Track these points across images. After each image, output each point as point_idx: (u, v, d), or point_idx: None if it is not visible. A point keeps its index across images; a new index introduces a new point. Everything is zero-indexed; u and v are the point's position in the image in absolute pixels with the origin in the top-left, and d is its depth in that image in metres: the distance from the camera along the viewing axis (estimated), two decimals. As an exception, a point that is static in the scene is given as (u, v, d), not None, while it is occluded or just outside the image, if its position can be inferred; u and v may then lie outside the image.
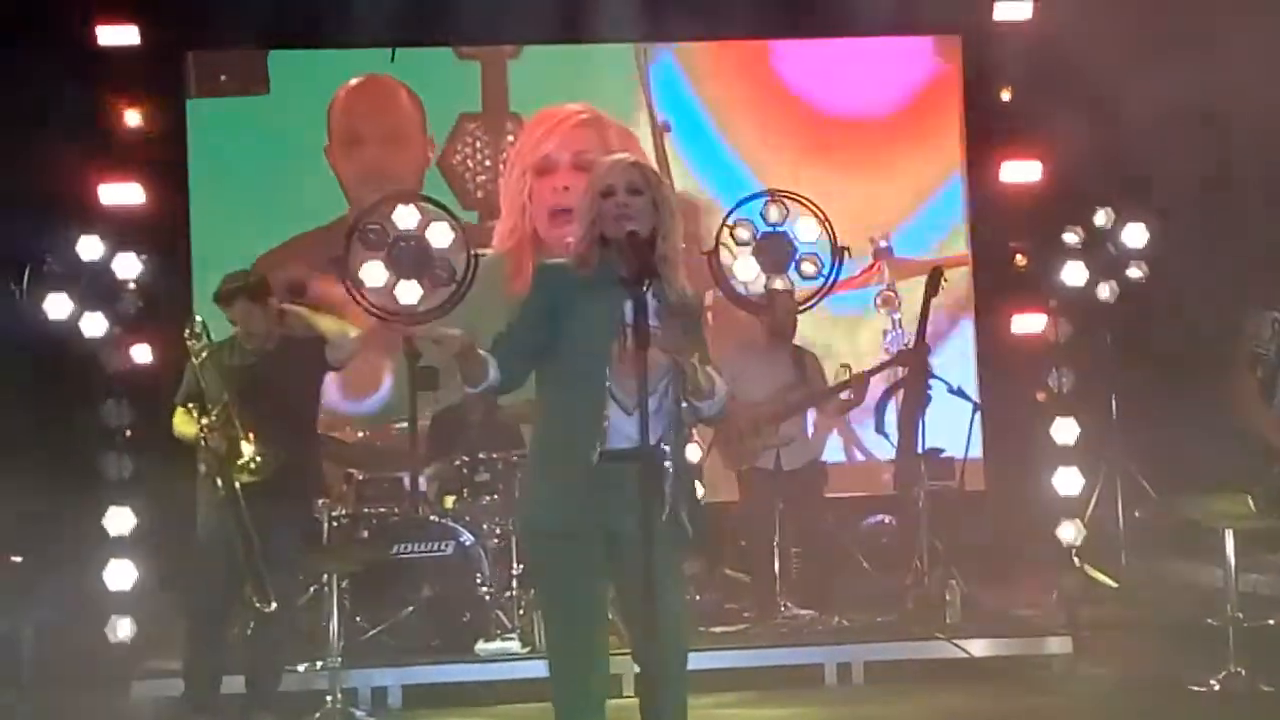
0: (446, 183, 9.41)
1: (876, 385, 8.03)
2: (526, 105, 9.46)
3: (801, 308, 8.67)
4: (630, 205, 3.63)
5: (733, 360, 7.69)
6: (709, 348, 3.81)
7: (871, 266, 9.48)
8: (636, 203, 3.64)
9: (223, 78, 9.34)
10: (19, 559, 7.34)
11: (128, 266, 7.43)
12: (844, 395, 7.59)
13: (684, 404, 3.65)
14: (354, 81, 9.45)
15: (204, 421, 5.62)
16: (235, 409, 5.62)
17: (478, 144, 9.48)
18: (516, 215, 9.35)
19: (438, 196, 9.17)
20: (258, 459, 5.57)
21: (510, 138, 9.43)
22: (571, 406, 3.62)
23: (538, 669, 6.26)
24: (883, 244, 9.50)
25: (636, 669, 3.70)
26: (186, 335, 5.76)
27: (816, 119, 9.60)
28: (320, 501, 6.97)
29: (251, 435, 5.60)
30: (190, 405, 5.74)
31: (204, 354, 5.71)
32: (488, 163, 9.45)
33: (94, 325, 7.27)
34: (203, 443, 5.64)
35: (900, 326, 9.29)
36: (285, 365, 5.84)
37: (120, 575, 6.90)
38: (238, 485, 5.60)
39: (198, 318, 5.87)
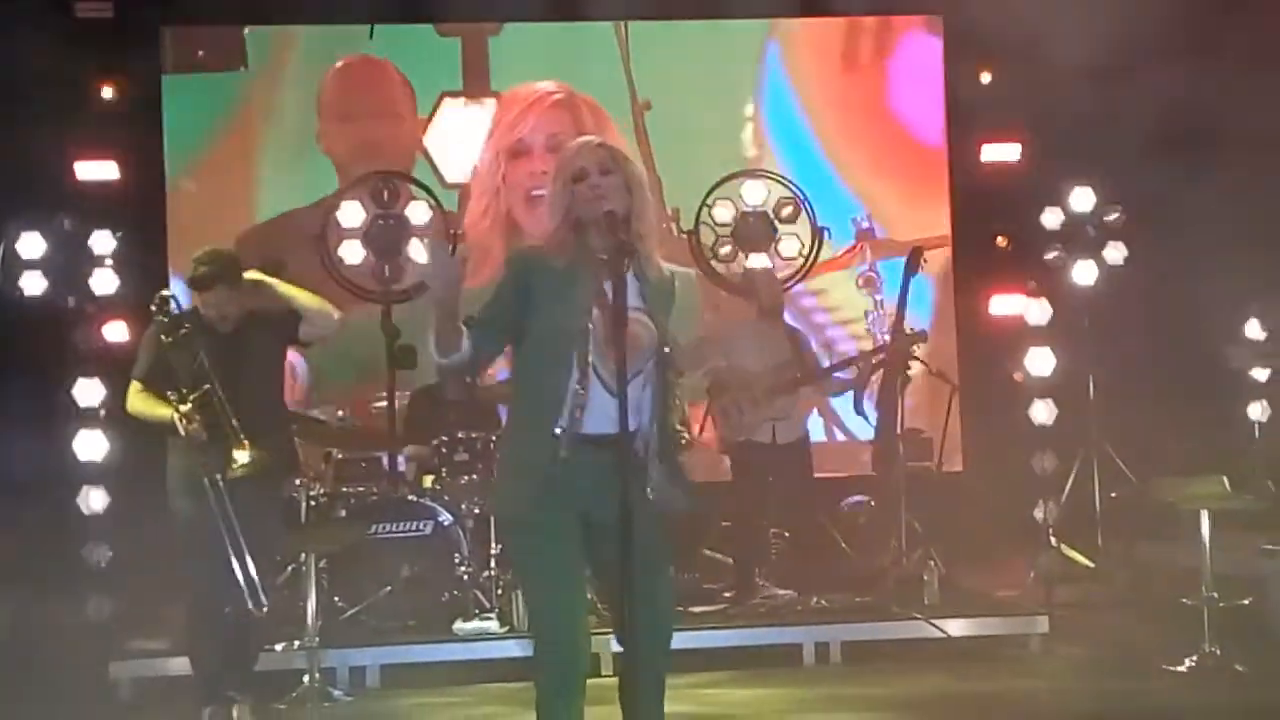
0: (429, 161, 9.37)
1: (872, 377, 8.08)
2: (507, 82, 9.40)
3: (785, 287, 8.69)
4: (603, 186, 3.62)
5: (726, 335, 7.70)
6: (699, 324, 3.82)
7: (854, 247, 9.48)
8: (609, 183, 3.63)
9: (200, 53, 9.25)
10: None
11: (103, 244, 7.37)
12: (842, 375, 7.60)
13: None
14: (342, 61, 9.36)
15: (183, 409, 5.47)
16: (219, 399, 5.45)
17: (459, 123, 9.39)
18: (489, 197, 9.29)
19: (421, 175, 9.13)
20: (252, 459, 5.43)
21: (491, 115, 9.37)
22: (547, 389, 3.61)
23: (516, 649, 6.31)
24: (864, 225, 9.50)
25: (617, 648, 3.70)
26: (154, 311, 5.55)
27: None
28: (297, 481, 6.93)
29: (237, 426, 5.44)
30: (161, 388, 5.54)
31: (177, 333, 5.52)
32: (469, 141, 9.36)
33: (69, 302, 7.22)
34: (179, 428, 5.48)
35: (882, 307, 9.29)
36: (253, 340, 5.66)
37: (96, 554, 6.87)
38: (220, 479, 5.46)
39: (165, 293, 5.65)
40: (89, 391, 7.03)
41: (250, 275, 5.75)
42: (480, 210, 9.28)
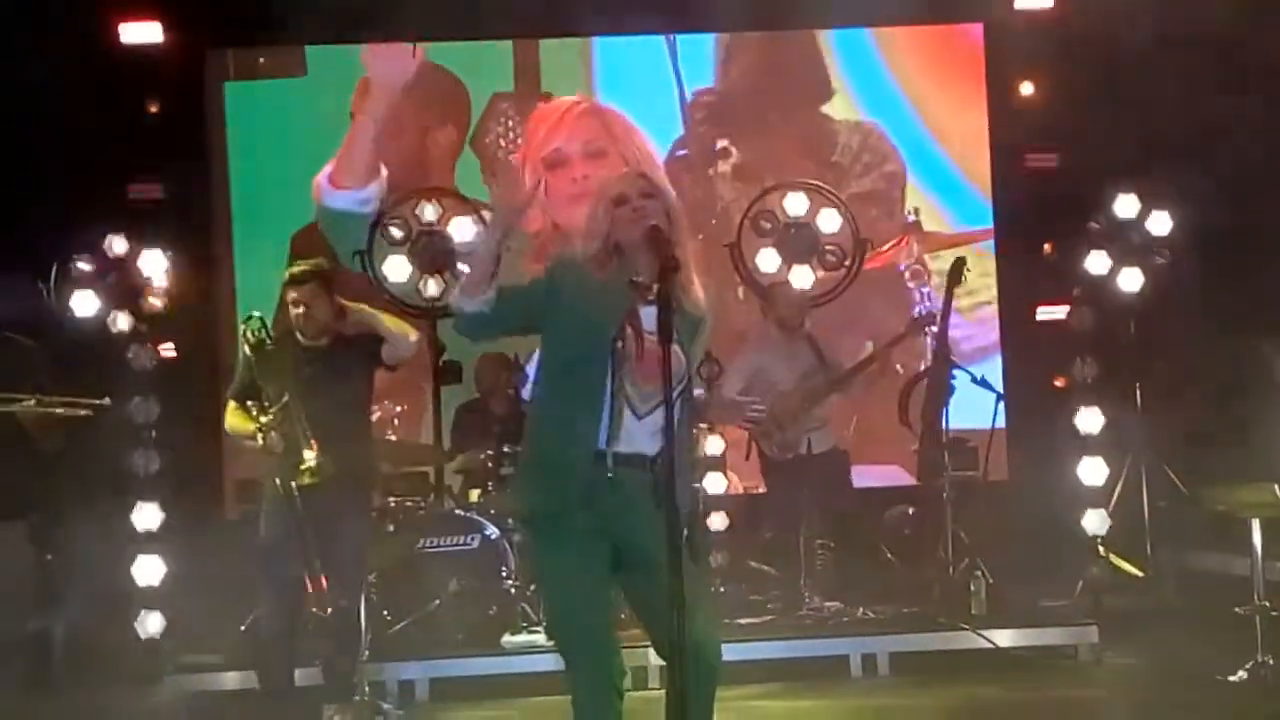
0: (480, 161, 9.49)
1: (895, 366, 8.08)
2: (558, 84, 9.55)
3: (824, 299, 8.70)
4: (645, 208, 3.68)
5: (752, 355, 7.71)
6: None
7: (900, 241, 9.47)
8: (651, 205, 3.70)
9: (261, 60, 9.42)
10: (50, 557, 7.40)
11: (153, 263, 7.46)
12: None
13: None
14: (396, 65, 9.45)
15: (263, 420, 5.60)
16: (296, 407, 5.59)
17: (510, 123, 9.55)
18: (538, 215, 9.38)
19: (470, 176, 9.29)
20: (317, 462, 5.54)
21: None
22: (574, 406, 3.64)
23: (563, 662, 6.31)
24: (910, 218, 9.50)
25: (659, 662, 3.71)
26: (243, 330, 5.74)
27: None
28: (390, 500, 7.04)
29: (311, 436, 5.57)
30: (248, 402, 5.71)
31: (263, 349, 5.69)
32: (519, 141, 9.51)
33: (120, 322, 7.32)
34: (260, 440, 5.62)
35: (930, 299, 9.25)
36: (343, 363, 5.79)
37: (149, 571, 6.95)
38: (295, 486, 5.57)
39: (255, 313, 5.83)
40: (141, 410, 7.12)
41: (337, 300, 5.84)
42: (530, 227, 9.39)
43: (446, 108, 9.51)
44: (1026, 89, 9.08)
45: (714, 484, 7.58)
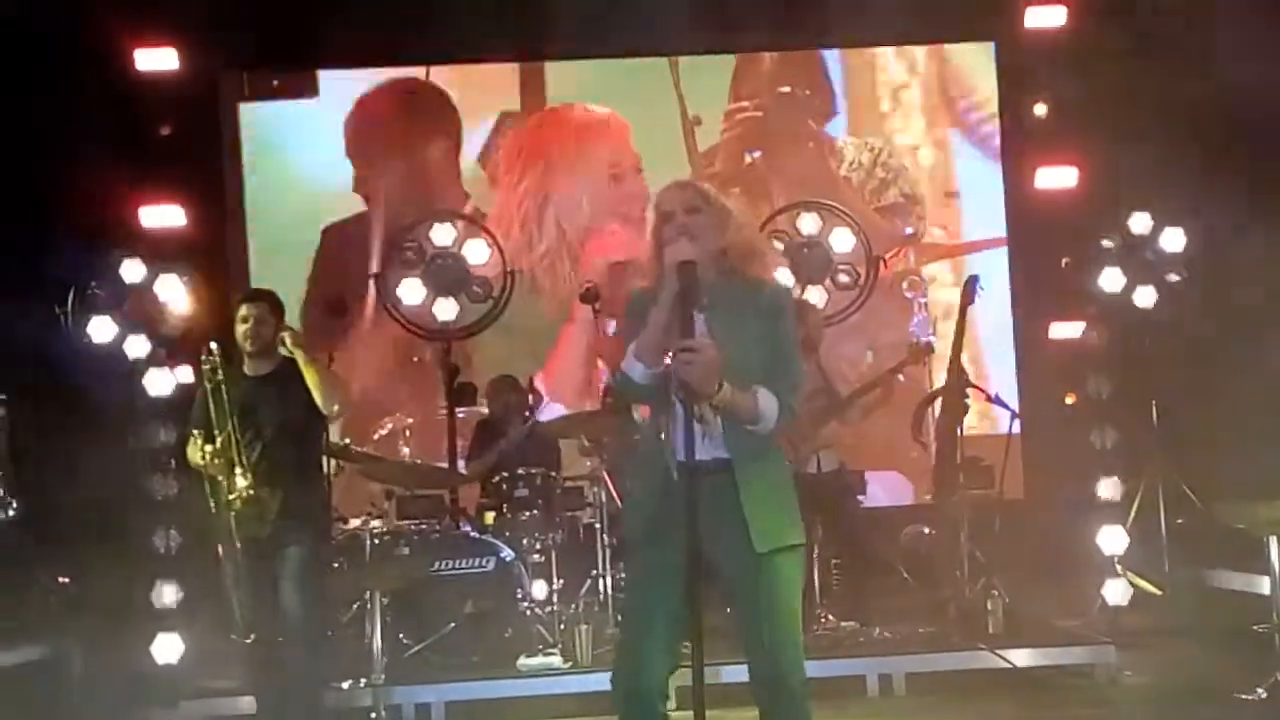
0: (488, 179, 9.57)
1: (910, 390, 8.04)
2: (564, 99, 9.64)
3: (837, 318, 8.69)
4: (690, 224, 3.68)
5: None
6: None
7: (897, 252, 9.47)
8: (695, 221, 3.69)
9: (274, 82, 9.52)
10: (65, 580, 7.43)
11: (170, 288, 7.51)
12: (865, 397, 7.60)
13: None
14: (381, 82, 9.62)
15: (208, 449, 5.57)
16: (236, 436, 5.55)
17: (517, 141, 9.63)
18: (545, 226, 9.48)
19: (478, 192, 9.34)
20: (247, 492, 5.51)
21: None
22: (654, 420, 3.71)
23: (580, 684, 6.34)
24: (908, 230, 9.50)
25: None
26: (203, 361, 5.68)
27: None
28: (406, 523, 7.03)
29: (247, 464, 5.52)
30: (197, 432, 5.67)
31: (215, 379, 5.64)
32: (526, 158, 9.61)
33: (137, 348, 7.36)
34: (204, 469, 5.60)
35: (924, 310, 9.25)
36: (285, 389, 5.67)
37: (166, 595, 6.97)
38: (231, 515, 5.55)
39: (212, 344, 5.75)
40: (158, 435, 7.14)
41: (286, 340, 5.70)
42: (525, 229, 9.46)
43: (434, 123, 9.58)
44: (1038, 107, 9.07)
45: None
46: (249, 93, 9.54)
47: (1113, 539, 7.38)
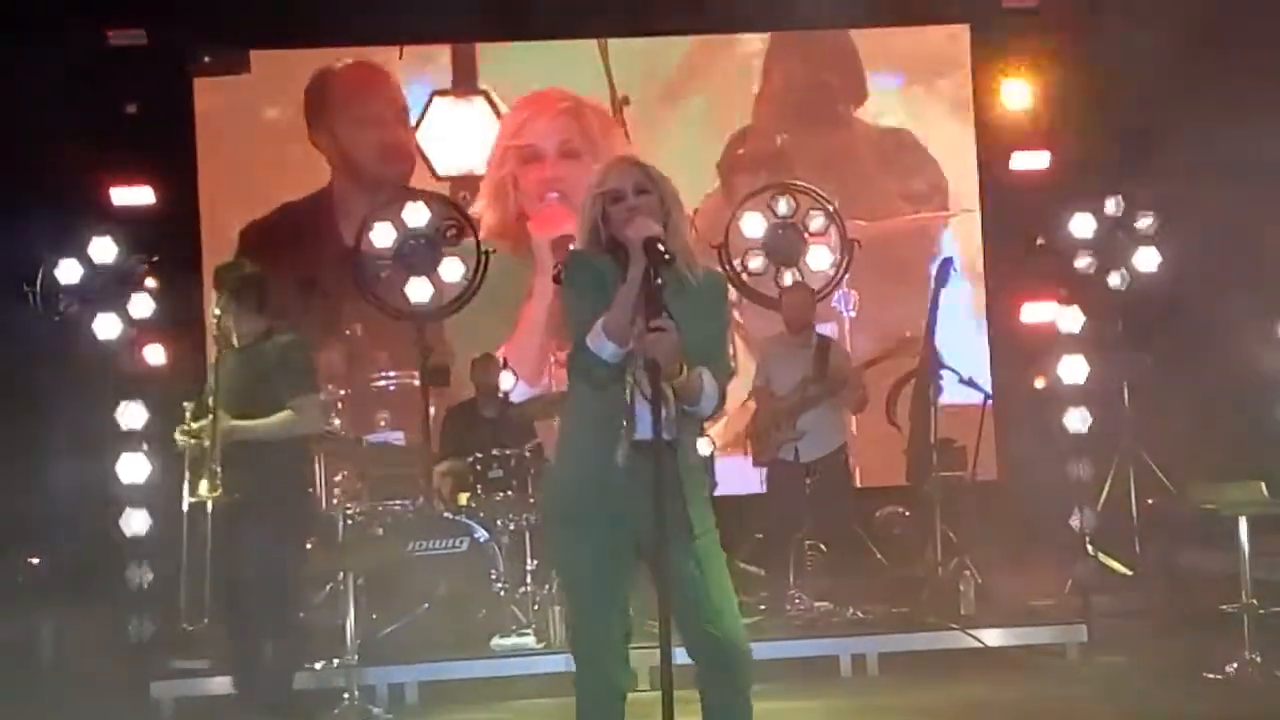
0: (421, 157, 9.57)
1: (886, 377, 8.08)
2: (494, 80, 9.63)
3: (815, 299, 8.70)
4: (640, 205, 3.64)
5: (767, 355, 7.72)
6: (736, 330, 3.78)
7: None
8: (646, 202, 3.65)
9: (206, 59, 9.42)
10: (36, 560, 7.39)
11: (139, 267, 7.45)
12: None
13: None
14: (334, 66, 9.56)
15: (182, 428, 5.51)
16: (212, 417, 5.48)
17: (449, 119, 9.60)
18: (503, 203, 9.48)
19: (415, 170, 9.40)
20: (206, 493, 5.43)
21: (482, 113, 9.57)
22: (599, 398, 3.63)
23: (553, 664, 6.34)
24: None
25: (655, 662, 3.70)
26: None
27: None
28: (378, 504, 6.98)
29: (215, 453, 5.43)
30: (186, 404, 5.61)
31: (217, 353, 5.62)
32: (458, 136, 9.57)
33: (107, 327, 7.30)
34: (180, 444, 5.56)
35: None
36: (258, 369, 5.56)
37: (138, 575, 6.94)
38: (205, 497, 5.49)
39: (216, 311, 5.70)
40: (131, 415, 7.10)
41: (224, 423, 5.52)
42: (497, 219, 9.45)
43: (383, 104, 9.59)
44: (1013, 89, 9.08)
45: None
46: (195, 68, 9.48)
47: (1084, 520, 7.42)
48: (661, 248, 3.50)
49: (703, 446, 7.55)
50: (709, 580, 3.67)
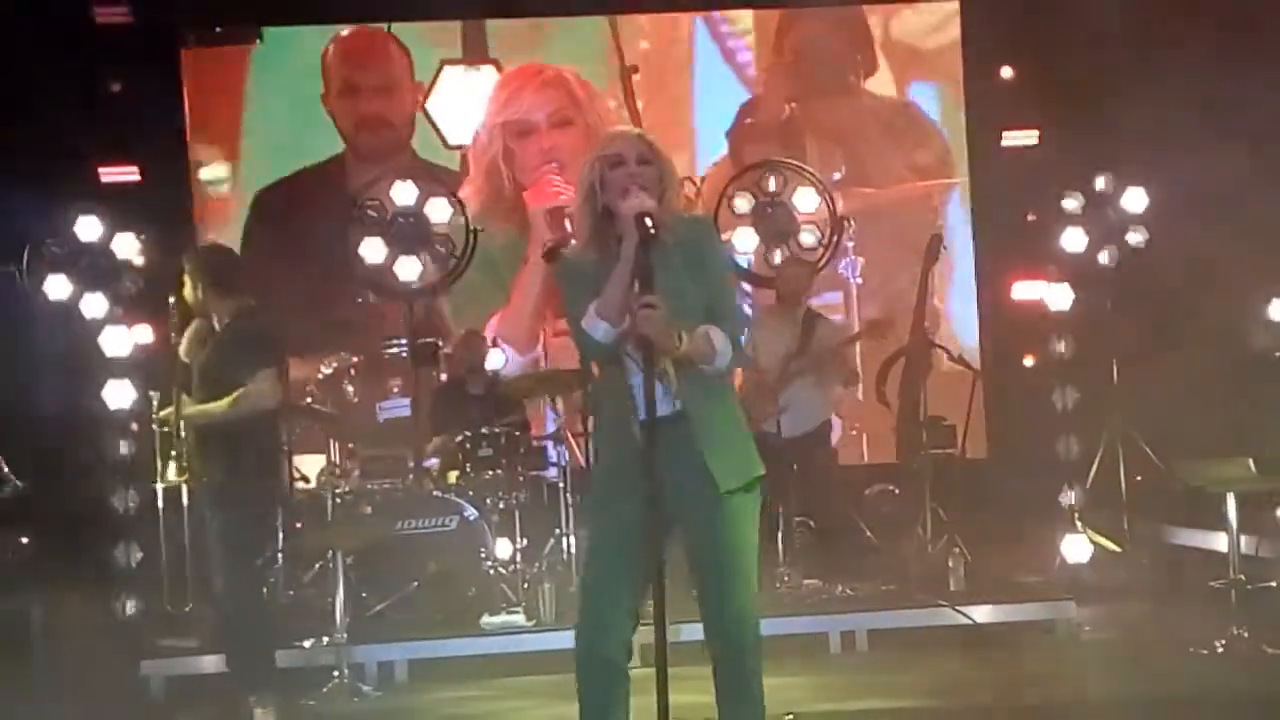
0: (432, 126, 9.60)
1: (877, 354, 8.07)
2: (504, 50, 9.65)
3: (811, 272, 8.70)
4: (640, 175, 3.66)
5: (755, 326, 7.71)
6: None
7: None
8: (646, 173, 3.68)
9: (218, 29, 9.46)
10: (25, 539, 7.37)
11: (127, 246, 7.42)
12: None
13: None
14: (345, 32, 9.64)
15: (160, 414, 5.51)
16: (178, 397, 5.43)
17: (459, 88, 9.63)
18: (494, 182, 9.46)
19: (424, 140, 9.46)
20: (171, 477, 5.43)
21: (491, 82, 9.61)
22: (609, 382, 3.71)
23: (543, 642, 6.34)
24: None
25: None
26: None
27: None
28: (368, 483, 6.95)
29: (180, 438, 5.41)
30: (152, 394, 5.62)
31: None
32: (468, 105, 9.59)
33: (94, 306, 7.27)
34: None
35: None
36: (225, 353, 5.45)
37: (126, 555, 6.93)
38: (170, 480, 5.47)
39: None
40: (118, 394, 7.08)
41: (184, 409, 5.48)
42: (483, 183, 9.45)
43: (398, 71, 9.61)
44: (1003, 67, 9.08)
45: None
46: (193, 40, 9.47)
47: (1073, 497, 7.44)
48: (650, 223, 3.52)
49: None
50: (724, 557, 3.66)
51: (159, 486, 5.46)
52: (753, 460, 3.76)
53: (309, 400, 7.22)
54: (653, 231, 3.52)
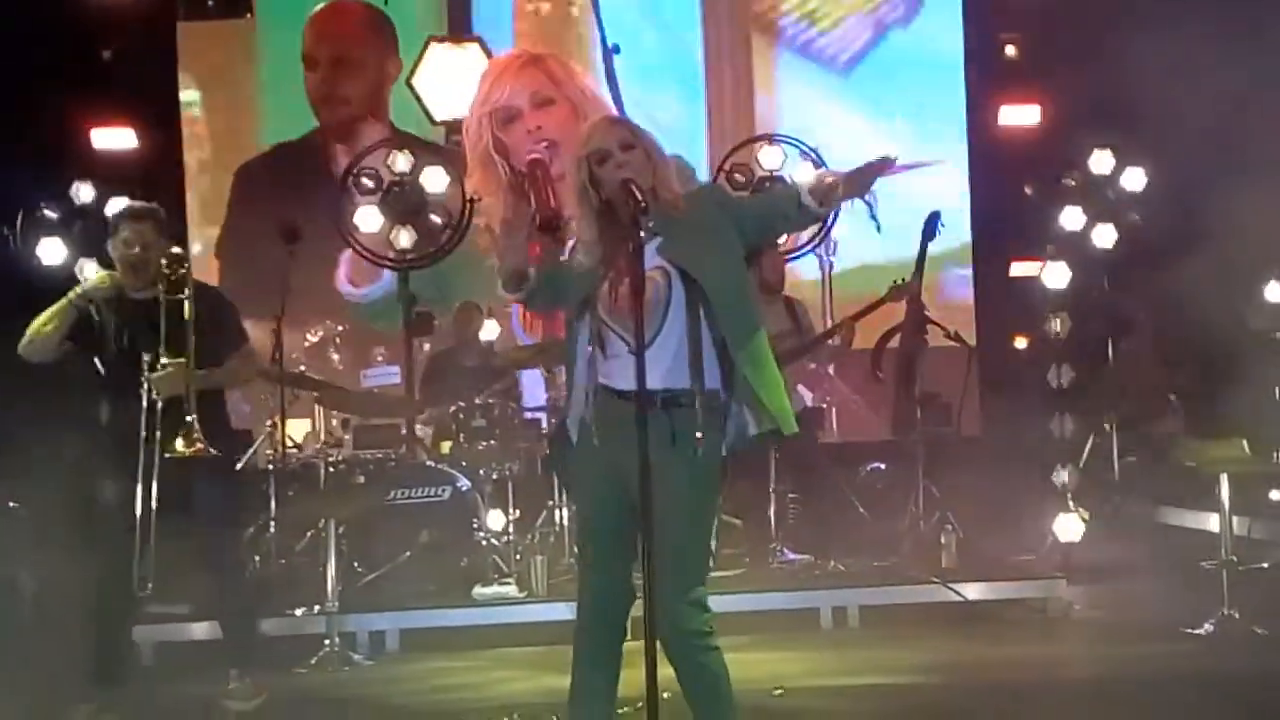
0: (419, 102, 9.69)
1: (871, 330, 8.03)
2: (488, 27, 9.76)
3: (798, 254, 8.67)
4: (628, 163, 3.64)
5: None
6: None
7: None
8: (632, 158, 3.65)
9: (209, 3, 9.49)
10: (16, 505, 7.35)
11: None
12: (832, 341, 7.57)
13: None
14: (319, 6, 9.75)
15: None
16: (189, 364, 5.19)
17: (444, 64, 9.71)
18: (492, 169, 9.48)
19: (409, 115, 9.55)
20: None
21: (476, 59, 9.70)
22: (574, 354, 3.71)
23: (534, 613, 6.35)
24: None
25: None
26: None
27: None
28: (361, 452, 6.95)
29: (191, 399, 5.18)
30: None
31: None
32: (453, 82, 9.67)
33: (89, 271, 7.24)
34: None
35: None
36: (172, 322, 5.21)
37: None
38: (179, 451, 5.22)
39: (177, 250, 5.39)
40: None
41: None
42: (481, 175, 9.43)
43: (357, 46, 9.73)
44: (1004, 44, 9.05)
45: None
46: (184, 14, 9.48)
47: (1066, 476, 7.44)
48: (635, 189, 3.51)
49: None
50: (669, 532, 3.58)
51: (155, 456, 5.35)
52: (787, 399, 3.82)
53: (302, 369, 7.19)
54: (642, 203, 3.48)
